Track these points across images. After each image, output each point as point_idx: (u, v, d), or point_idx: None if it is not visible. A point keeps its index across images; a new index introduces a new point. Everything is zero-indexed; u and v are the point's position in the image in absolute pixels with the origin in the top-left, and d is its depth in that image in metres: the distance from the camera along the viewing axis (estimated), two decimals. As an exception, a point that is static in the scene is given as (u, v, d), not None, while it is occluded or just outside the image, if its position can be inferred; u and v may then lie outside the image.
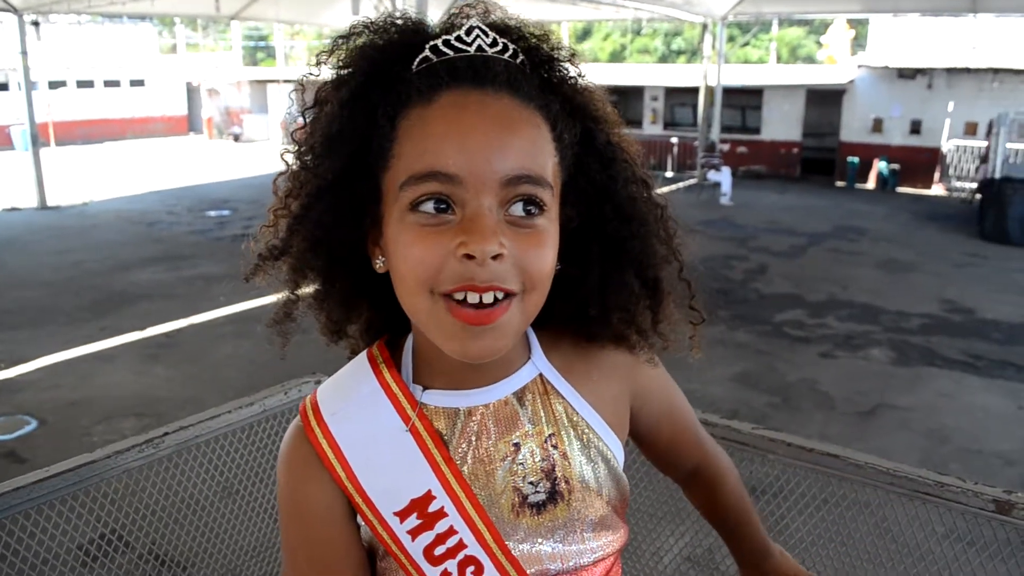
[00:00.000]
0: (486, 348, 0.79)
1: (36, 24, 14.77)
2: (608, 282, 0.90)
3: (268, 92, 28.16)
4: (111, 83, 28.73)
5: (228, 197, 15.94)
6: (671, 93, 21.51)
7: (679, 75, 22.30)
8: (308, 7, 17.18)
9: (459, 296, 0.77)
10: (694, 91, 19.23)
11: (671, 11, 16.18)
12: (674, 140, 20.06)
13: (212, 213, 14.20)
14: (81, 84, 27.77)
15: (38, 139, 14.87)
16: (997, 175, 13.23)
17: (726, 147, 19.41)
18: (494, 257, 0.75)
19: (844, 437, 5.34)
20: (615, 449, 0.94)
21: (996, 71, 17.00)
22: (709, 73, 18.18)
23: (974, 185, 15.65)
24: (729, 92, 19.19)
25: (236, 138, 28.56)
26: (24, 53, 14.06)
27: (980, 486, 1.44)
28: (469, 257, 0.74)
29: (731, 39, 25.79)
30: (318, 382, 1.94)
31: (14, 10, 13.81)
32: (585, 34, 43.11)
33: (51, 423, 5.48)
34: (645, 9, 15.47)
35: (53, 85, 26.12)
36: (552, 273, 0.82)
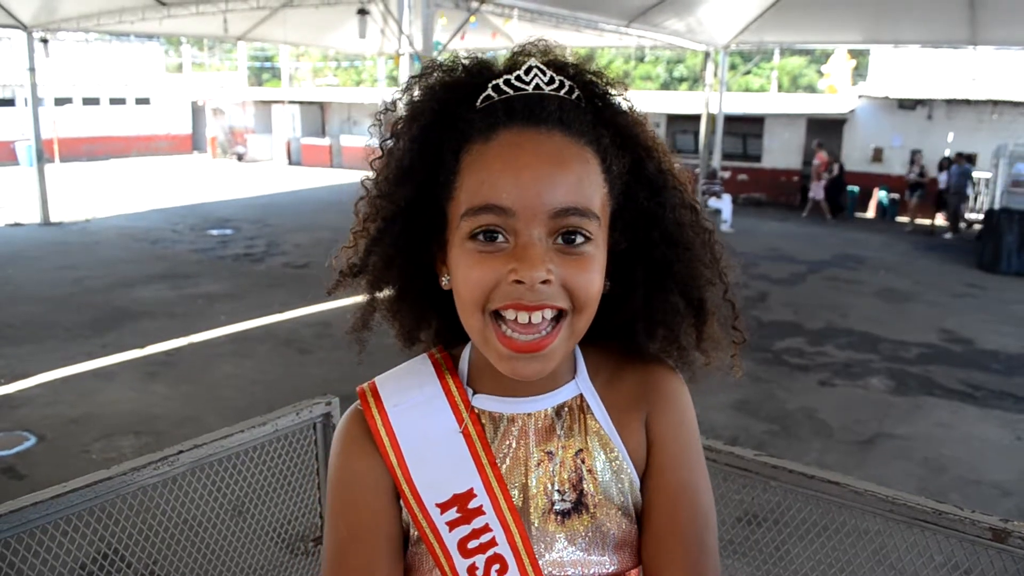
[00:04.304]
0: (534, 370, 0.87)
1: (44, 41, 14.85)
2: (653, 301, 0.97)
3: (272, 112, 28.32)
4: (117, 101, 28.96)
5: (231, 216, 16.00)
6: (673, 120, 21.63)
7: (681, 102, 22.43)
8: (314, 29, 17.31)
9: (510, 315, 0.84)
10: (696, 118, 19.35)
11: (674, 39, 16.31)
12: (675, 166, 20.10)
13: (215, 232, 14.24)
14: (87, 101, 28.00)
15: (43, 155, 14.95)
16: (996, 206, 13.31)
17: (727, 174, 19.49)
18: (543, 282, 0.82)
19: (842, 466, 5.33)
20: (635, 475, 0.98)
21: (995, 103, 17.14)
22: (711, 101, 18.29)
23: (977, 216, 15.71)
24: (730, 120, 19.30)
25: (240, 157, 28.69)
26: (32, 70, 14.17)
27: (977, 514, 1.47)
28: (519, 282, 0.82)
29: (733, 67, 25.94)
30: (328, 403, 1.96)
31: (23, 27, 13.91)
32: (588, 60, 43.41)
33: (50, 439, 5.48)
34: (648, 37, 15.60)
35: (59, 102, 26.30)
36: (599, 295, 0.89)
